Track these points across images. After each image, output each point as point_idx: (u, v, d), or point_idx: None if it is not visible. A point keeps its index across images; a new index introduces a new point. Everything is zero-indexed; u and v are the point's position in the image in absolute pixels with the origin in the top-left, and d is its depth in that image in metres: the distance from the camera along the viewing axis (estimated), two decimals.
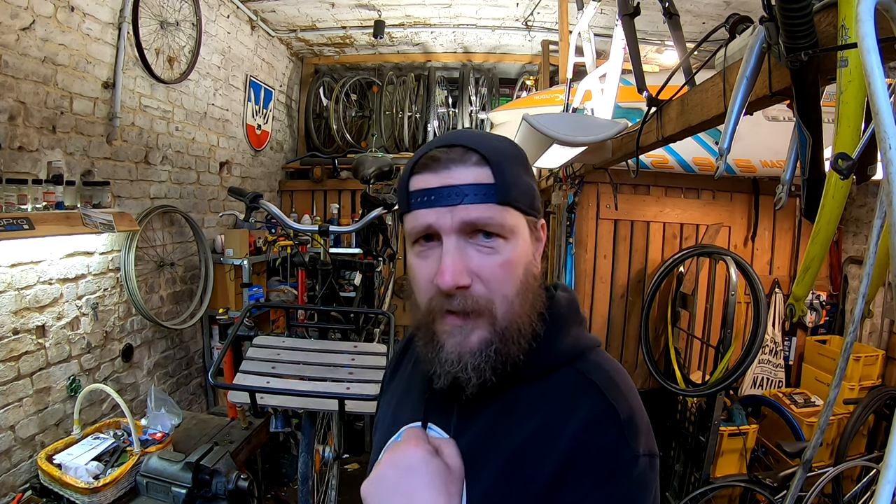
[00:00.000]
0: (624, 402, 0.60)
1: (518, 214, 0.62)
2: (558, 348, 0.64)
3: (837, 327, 3.46)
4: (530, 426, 0.61)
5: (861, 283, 0.94)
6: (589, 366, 0.63)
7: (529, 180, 0.65)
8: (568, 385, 0.62)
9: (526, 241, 0.63)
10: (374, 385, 1.64)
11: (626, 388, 0.62)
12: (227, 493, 1.78)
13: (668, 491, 3.17)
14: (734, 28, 1.21)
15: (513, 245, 0.61)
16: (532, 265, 0.64)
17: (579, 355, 0.64)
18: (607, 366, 0.64)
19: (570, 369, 0.63)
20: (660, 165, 2.90)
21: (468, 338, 0.61)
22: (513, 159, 0.63)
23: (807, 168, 1.01)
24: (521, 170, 0.64)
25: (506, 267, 0.61)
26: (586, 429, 0.58)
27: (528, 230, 0.64)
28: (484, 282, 0.60)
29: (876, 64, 0.64)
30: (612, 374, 0.63)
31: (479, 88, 4.53)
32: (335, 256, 2.45)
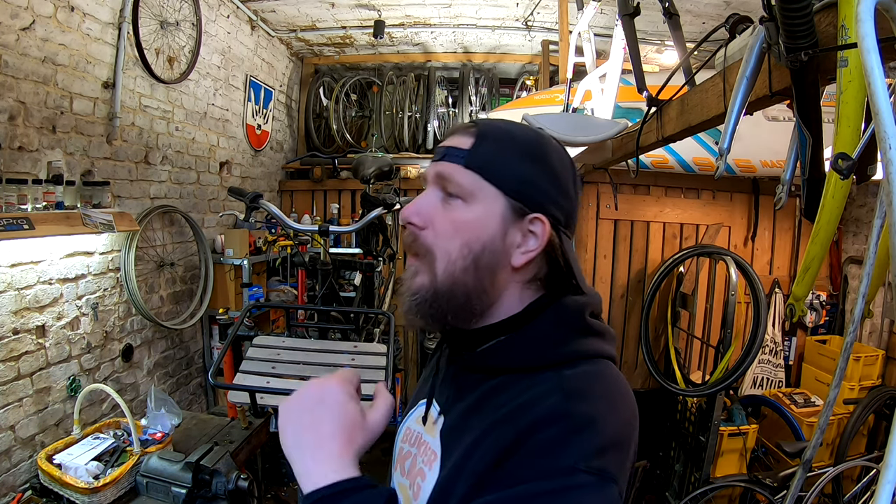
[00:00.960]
0: (586, 411, 0.58)
1: (486, 184, 0.64)
2: (542, 352, 0.64)
3: (837, 327, 3.47)
4: (499, 414, 0.61)
5: (861, 283, 0.94)
6: (574, 373, 0.62)
7: (525, 168, 0.65)
8: (546, 384, 0.61)
9: (493, 216, 0.64)
10: (374, 385, 1.64)
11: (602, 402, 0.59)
12: (227, 493, 1.77)
13: (668, 491, 3.17)
14: (734, 28, 1.21)
15: (470, 210, 0.64)
16: (496, 245, 0.64)
17: (567, 362, 0.63)
18: (595, 378, 0.62)
19: (555, 373, 0.62)
20: (660, 165, 2.90)
21: (414, 278, 0.66)
22: (509, 142, 0.66)
23: (807, 168, 1.01)
24: (514, 153, 0.65)
25: (455, 224, 0.64)
26: (534, 424, 0.57)
27: (501, 209, 0.64)
28: (434, 231, 0.65)
29: (876, 64, 0.64)
30: (592, 385, 0.61)
31: (479, 88, 4.53)
32: (335, 256, 2.45)
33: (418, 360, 4.44)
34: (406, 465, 0.73)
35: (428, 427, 0.71)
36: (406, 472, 0.73)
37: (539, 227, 0.64)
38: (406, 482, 0.72)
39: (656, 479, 3.32)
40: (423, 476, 0.67)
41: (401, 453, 0.76)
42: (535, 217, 0.64)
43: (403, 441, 0.77)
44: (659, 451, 3.33)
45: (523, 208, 0.64)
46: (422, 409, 0.75)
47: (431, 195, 0.66)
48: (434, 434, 0.69)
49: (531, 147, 0.66)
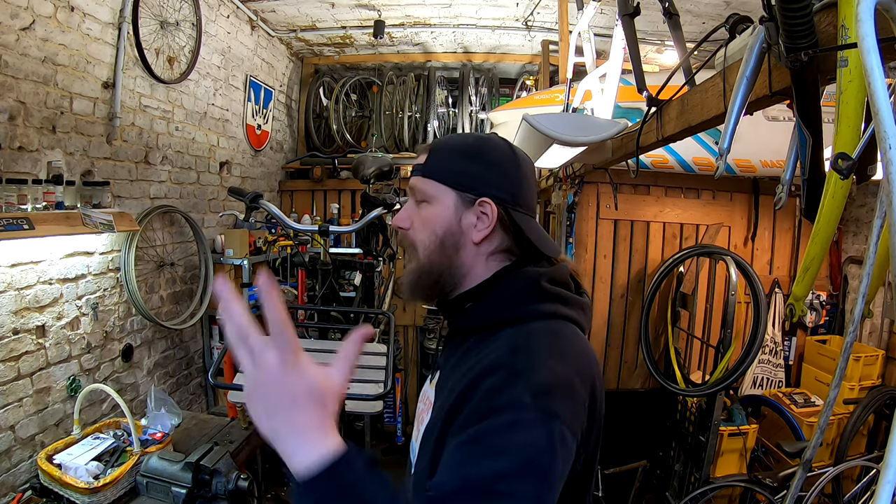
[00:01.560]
0: (525, 359, 0.69)
1: (440, 186, 0.82)
2: (498, 313, 0.79)
3: (837, 327, 3.46)
4: (462, 368, 0.76)
5: (861, 283, 0.94)
6: (523, 329, 0.75)
7: (468, 165, 0.83)
8: (500, 340, 0.75)
9: (446, 206, 0.82)
10: (374, 385, 1.64)
11: (543, 352, 0.70)
12: (227, 493, 1.77)
13: (668, 491, 3.17)
14: (734, 28, 1.21)
15: (432, 208, 0.83)
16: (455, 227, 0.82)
17: (523, 320, 0.77)
18: (543, 329, 0.75)
19: (512, 329, 0.76)
20: (660, 165, 2.90)
21: (409, 265, 0.87)
22: (452, 148, 0.85)
23: (807, 168, 1.01)
24: (456, 156, 0.84)
25: (423, 220, 0.84)
26: (482, 373, 0.69)
27: (453, 201, 0.82)
28: (413, 229, 0.85)
29: (876, 64, 0.64)
30: (538, 334, 0.74)
31: (479, 88, 4.53)
32: (335, 256, 2.45)
33: (418, 360, 4.44)
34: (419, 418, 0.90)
35: (433, 385, 0.89)
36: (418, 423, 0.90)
37: (487, 208, 0.81)
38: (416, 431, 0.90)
39: (656, 479, 3.31)
40: (421, 423, 0.85)
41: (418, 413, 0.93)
42: (482, 201, 0.81)
43: (420, 401, 0.94)
44: (659, 451, 3.32)
45: (470, 196, 0.81)
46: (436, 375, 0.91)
47: (409, 204, 0.87)
48: (433, 388, 0.87)
49: (468, 148, 0.85)
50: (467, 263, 0.83)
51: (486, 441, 0.62)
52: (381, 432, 4.29)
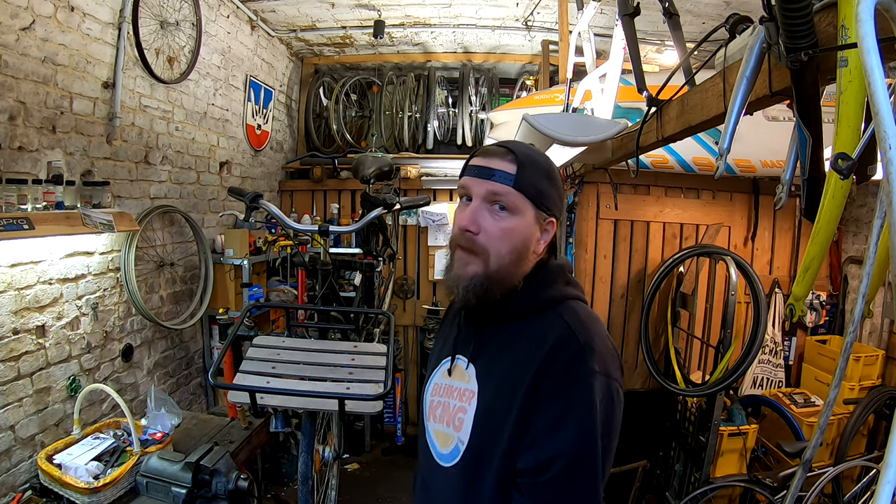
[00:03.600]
0: (584, 332, 0.85)
1: (527, 201, 0.89)
2: (543, 296, 0.92)
3: (837, 327, 3.47)
4: (518, 353, 0.88)
5: (861, 283, 0.94)
6: (565, 309, 0.90)
7: (548, 187, 0.92)
8: (548, 322, 0.88)
9: (529, 222, 0.90)
10: (374, 385, 1.64)
11: (591, 325, 0.88)
12: (227, 493, 1.77)
13: (668, 491, 3.17)
14: (734, 28, 1.21)
15: (516, 219, 0.89)
16: (530, 242, 0.91)
17: (560, 302, 0.91)
18: (579, 310, 0.91)
19: (553, 311, 0.90)
20: (660, 165, 2.90)
21: (466, 267, 0.90)
22: (538, 167, 0.92)
23: (807, 168, 1.01)
24: (541, 176, 0.91)
25: (506, 231, 0.89)
26: (553, 350, 0.83)
27: (533, 217, 0.91)
28: (487, 236, 0.89)
29: (876, 64, 0.64)
30: (581, 316, 0.89)
31: (479, 88, 4.53)
32: (335, 256, 2.45)
33: (418, 360, 4.44)
34: (438, 412, 0.98)
35: (456, 376, 0.97)
36: (439, 419, 0.97)
37: (552, 226, 0.94)
38: (441, 426, 0.96)
39: (656, 479, 3.31)
40: (464, 411, 0.91)
41: (431, 406, 1.01)
42: (550, 220, 0.93)
43: (433, 395, 1.01)
44: (659, 451, 3.32)
45: (545, 215, 0.92)
46: (447, 365, 1.00)
47: (478, 208, 0.90)
48: (467, 379, 0.94)
49: (548, 171, 0.93)
50: (525, 269, 0.92)
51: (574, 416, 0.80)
52: (381, 432, 4.29)
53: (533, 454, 0.80)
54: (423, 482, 1.04)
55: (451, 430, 0.93)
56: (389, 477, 3.73)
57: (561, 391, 0.80)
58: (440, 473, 0.95)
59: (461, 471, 0.90)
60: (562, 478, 0.78)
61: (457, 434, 0.91)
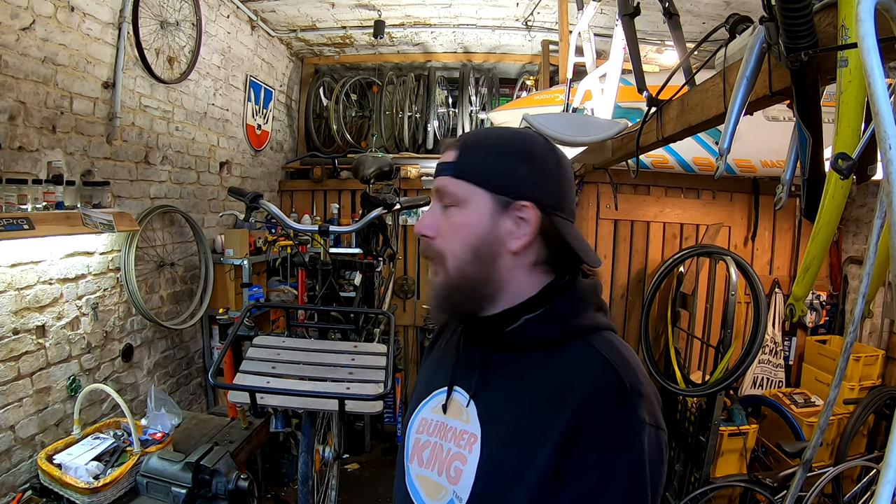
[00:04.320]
0: (631, 374, 0.67)
1: (472, 187, 0.72)
2: (571, 322, 0.72)
3: (837, 327, 3.47)
4: (542, 387, 0.69)
5: (861, 283, 0.94)
6: (601, 341, 0.71)
7: (507, 164, 0.73)
8: (579, 355, 0.69)
9: (481, 212, 0.72)
10: (374, 385, 1.64)
11: (634, 363, 0.69)
12: (227, 493, 1.77)
13: (668, 491, 3.17)
14: (734, 28, 1.21)
15: (463, 212, 0.73)
16: (491, 236, 0.72)
17: (591, 331, 0.72)
18: (618, 344, 0.72)
19: (583, 342, 0.71)
20: (660, 165, 2.90)
21: (435, 278, 0.76)
22: (490, 146, 0.75)
23: (807, 168, 1.01)
24: (494, 154, 0.73)
25: (455, 227, 0.73)
26: (594, 394, 0.65)
27: (488, 204, 0.72)
28: (441, 237, 0.75)
29: (876, 64, 0.64)
30: (621, 350, 0.70)
31: (479, 88, 4.53)
32: (335, 256, 2.45)
33: (418, 360, 4.44)
34: (425, 455, 0.77)
35: (453, 413, 0.76)
36: (427, 463, 0.77)
37: (526, 212, 0.71)
38: (429, 472, 0.76)
39: None
40: (462, 460, 0.72)
41: (416, 445, 0.80)
42: (521, 204, 0.71)
43: (419, 432, 0.81)
44: None
45: (508, 199, 0.71)
46: (439, 397, 0.79)
47: (434, 208, 0.77)
48: (466, 418, 0.74)
49: (507, 144, 0.74)
50: (504, 276, 0.73)
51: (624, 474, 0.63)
52: (381, 432, 4.29)
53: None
54: None
55: (443, 479, 0.73)
56: (389, 477, 3.70)
57: (605, 449, 0.63)
58: None
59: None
60: None
61: (452, 487, 0.72)
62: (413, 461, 0.79)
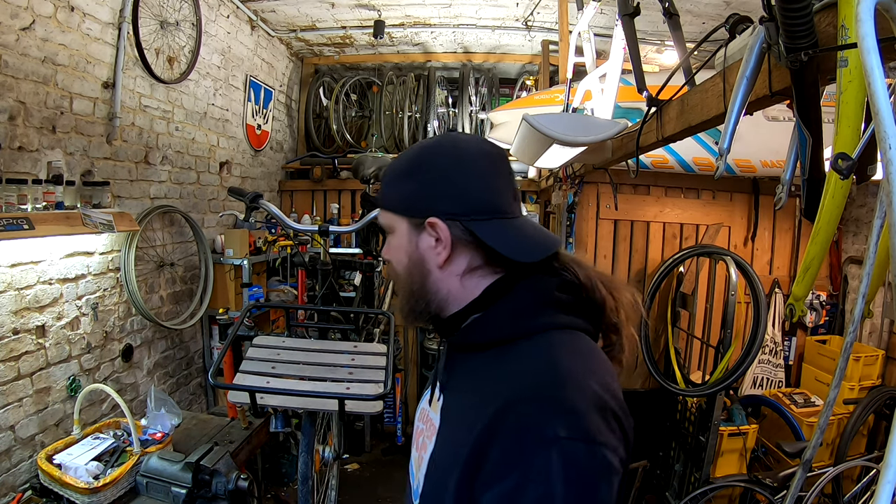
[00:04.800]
0: (555, 379, 0.63)
1: (394, 216, 0.77)
2: (513, 323, 0.71)
3: (837, 327, 3.46)
4: (483, 387, 0.68)
5: (861, 283, 0.94)
6: (540, 344, 0.68)
7: (410, 186, 0.75)
8: (516, 358, 0.68)
9: (403, 236, 0.76)
10: (374, 385, 1.64)
11: (567, 370, 0.64)
12: (227, 493, 1.77)
13: (668, 491, 3.17)
14: (734, 28, 1.21)
15: (394, 238, 0.78)
16: (415, 256, 0.75)
17: (538, 331, 0.69)
18: (559, 347, 0.67)
19: (528, 343, 0.69)
20: (660, 165, 2.90)
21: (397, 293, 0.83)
22: (395, 173, 0.78)
23: (807, 168, 1.01)
24: (400, 178, 0.77)
25: (392, 253, 0.79)
26: (510, 401, 0.62)
27: (406, 228, 0.76)
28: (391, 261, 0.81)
29: (876, 64, 0.64)
30: (556, 355, 0.66)
31: (479, 88, 4.53)
32: (335, 256, 2.45)
33: (418, 360, 4.44)
34: (419, 441, 0.82)
35: (433, 405, 0.80)
36: (417, 447, 0.82)
37: (436, 228, 0.72)
38: (415, 456, 0.82)
39: (656, 479, 3.31)
40: (426, 449, 0.76)
41: (416, 432, 0.86)
42: (429, 222, 0.73)
43: (419, 420, 0.86)
44: (659, 451, 3.32)
45: (418, 220, 0.74)
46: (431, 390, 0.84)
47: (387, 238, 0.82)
48: (437, 410, 0.78)
49: (405, 166, 0.77)
50: (442, 288, 0.75)
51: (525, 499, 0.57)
52: (381, 432, 4.29)
53: None
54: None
55: (415, 464, 0.80)
56: (389, 477, 3.73)
57: (509, 466, 0.59)
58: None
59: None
60: None
61: (417, 472, 0.77)
62: (413, 446, 0.85)
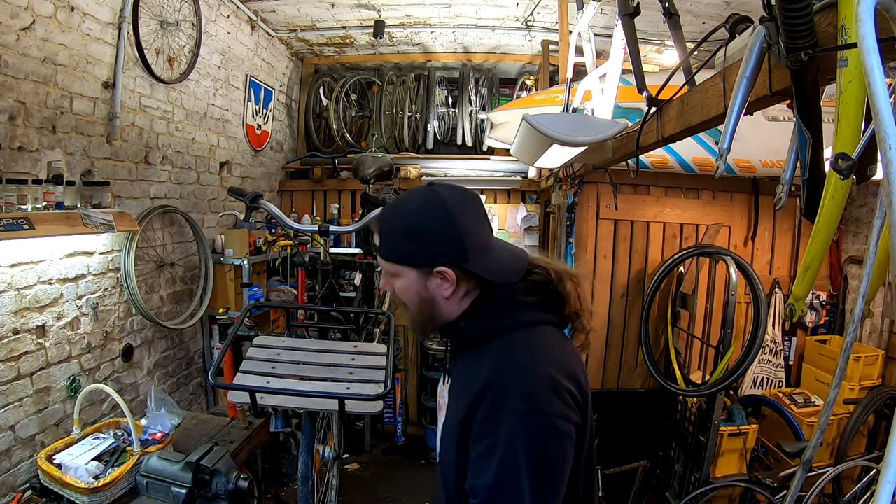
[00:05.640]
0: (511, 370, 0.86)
1: (399, 266, 0.95)
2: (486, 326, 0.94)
3: (837, 327, 3.46)
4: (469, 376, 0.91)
5: (861, 283, 0.94)
6: (506, 341, 0.91)
7: (412, 245, 0.93)
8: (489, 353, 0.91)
9: (412, 280, 0.95)
10: (374, 385, 1.64)
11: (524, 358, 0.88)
12: (227, 493, 1.77)
13: (668, 491, 3.17)
14: (734, 28, 1.21)
15: (401, 281, 0.96)
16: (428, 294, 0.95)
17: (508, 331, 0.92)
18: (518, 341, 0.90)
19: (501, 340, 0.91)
20: (660, 165, 2.90)
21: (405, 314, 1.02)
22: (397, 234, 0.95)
23: (807, 168, 1.01)
24: (402, 240, 0.94)
25: (400, 292, 0.98)
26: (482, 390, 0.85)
27: (415, 276, 0.94)
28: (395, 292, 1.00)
29: (876, 64, 0.64)
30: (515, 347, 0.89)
31: (479, 88, 4.52)
32: (335, 256, 2.45)
33: (418, 360, 4.43)
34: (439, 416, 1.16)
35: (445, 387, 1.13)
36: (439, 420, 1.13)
37: (444, 273, 0.92)
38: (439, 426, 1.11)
39: (656, 479, 3.31)
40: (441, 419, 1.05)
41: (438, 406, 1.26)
42: (437, 270, 0.92)
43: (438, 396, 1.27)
44: (659, 451, 3.32)
45: (427, 269, 0.93)
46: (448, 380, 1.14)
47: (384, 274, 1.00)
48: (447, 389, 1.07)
49: (407, 231, 0.94)
50: (446, 311, 0.97)
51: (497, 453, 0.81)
52: (381, 432, 4.29)
53: (469, 481, 0.86)
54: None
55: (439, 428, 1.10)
56: (389, 477, 3.73)
57: (486, 430, 0.83)
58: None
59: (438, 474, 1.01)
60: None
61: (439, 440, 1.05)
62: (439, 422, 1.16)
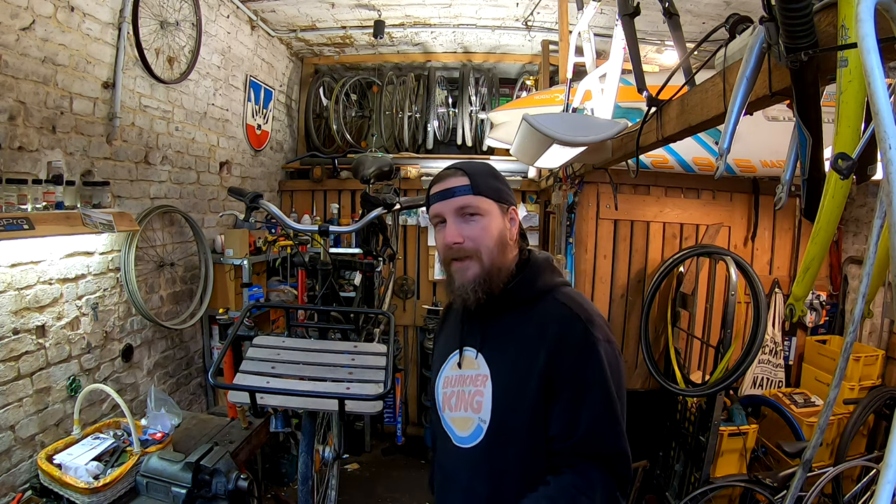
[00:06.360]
0: (583, 311, 1.03)
1: (488, 201, 1.07)
2: (537, 285, 1.09)
3: (837, 327, 3.46)
4: (527, 331, 1.04)
5: (861, 283, 0.94)
6: (561, 294, 1.08)
7: (498, 184, 1.11)
8: (549, 305, 1.06)
9: (497, 217, 1.08)
10: (374, 385, 1.64)
11: (586, 304, 1.07)
12: (227, 493, 1.78)
13: (668, 491, 3.17)
14: (734, 28, 1.21)
15: (487, 218, 1.07)
16: (506, 232, 1.09)
17: (553, 288, 1.09)
18: (573, 294, 1.09)
19: (550, 296, 1.07)
20: (660, 165, 2.90)
21: (466, 273, 1.07)
22: (484, 172, 1.10)
23: (807, 168, 1.01)
24: (490, 177, 1.10)
25: (485, 229, 1.06)
26: (562, 330, 1.01)
27: (499, 211, 1.09)
28: (472, 240, 1.06)
29: (876, 64, 0.64)
30: (575, 297, 1.08)
31: (479, 88, 4.52)
32: (335, 256, 2.45)
33: (418, 360, 4.44)
34: (453, 402, 1.11)
35: (467, 366, 1.11)
36: (455, 407, 1.11)
37: (513, 212, 1.12)
38: (458, 413, 1.10)
39: (656, 479, 3.31)
40: (480, 395, 1.05)
41: (445, 398, 1.14)
42: (511, 208, 1.12)
43: (444, 387, 1.15)
44: (659, 451, 3.32)
45: (506, 206, 1.11)
46: (454, 359, 1.14)
47: (457, 222, 1.07)
48: (477, 366, 1.08)
49: (493, 172, 1.12)
50: (510, 256, 1.09)
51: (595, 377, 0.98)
52: (381, 432, 4.29)
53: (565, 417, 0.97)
54: (441, 473, 1.17)
55: (469, 413, 1.07)
56: (389, 477, 3.73)
57: (576, 362, 0.98)
58: (462, 457, 1.08)
59: (485, 448, 1.04)
60: (597, 428, 0.96)
61: (477, 415, 1.05)
62: (445, 410, 1.14)
